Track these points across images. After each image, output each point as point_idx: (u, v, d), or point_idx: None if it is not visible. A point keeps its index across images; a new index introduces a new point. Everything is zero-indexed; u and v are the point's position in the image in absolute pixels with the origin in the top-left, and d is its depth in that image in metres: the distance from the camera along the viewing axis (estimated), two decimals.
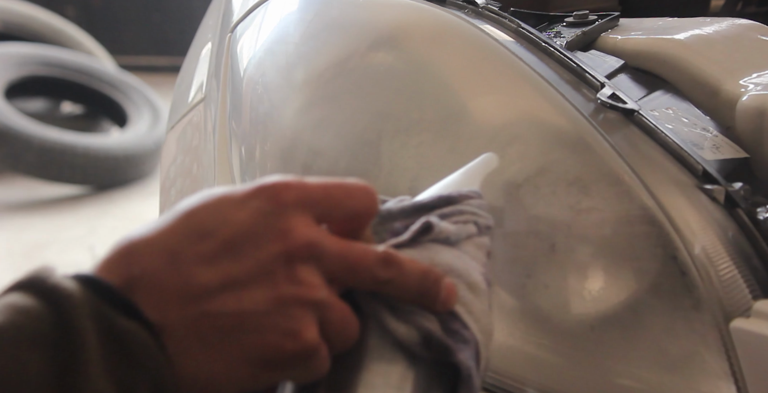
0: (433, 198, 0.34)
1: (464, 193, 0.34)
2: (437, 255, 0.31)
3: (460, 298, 0.31)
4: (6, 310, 0.22)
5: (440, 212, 0.33)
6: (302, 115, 0.53)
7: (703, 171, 0.39)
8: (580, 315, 0.37)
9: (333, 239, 0.28)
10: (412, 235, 0.31)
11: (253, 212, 0.26)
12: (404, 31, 0.50)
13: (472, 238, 0.34)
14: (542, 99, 0.42)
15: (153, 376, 0.23)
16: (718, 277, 0.35)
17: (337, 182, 0.29)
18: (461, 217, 0.33)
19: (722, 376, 0.34)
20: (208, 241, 0.25)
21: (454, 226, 0.33)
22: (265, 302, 0.25)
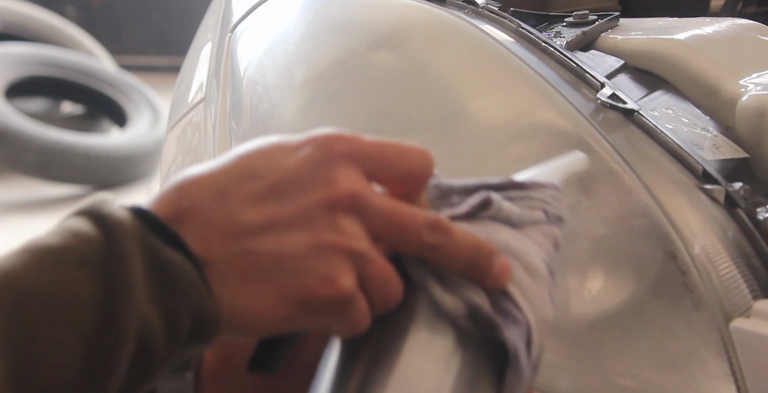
0: (501, 180, 0.32)
1: (538, 181, 0.33)
2: (495, 232, 0.30)
3: (515, 279, 0.29)
4: (63, 233, 0.23)
5: (507, 194, 0.31)
6: (302, 115, 0.53)
7: (703, 171, 0.39)
8: (580, 315, 0.37)
9: (380, 196, 0.28)
10: (470, 209, 0.30)
11: (303, 159, 0.27)
12: (404, 31, 0.50)
13: (538, 225, 0.32)
14: (542, 99, 0.42)
15: (195, 306, 0.24)
16: (718, 277, 0.35)
17: (393, 142, 0.29)
18: (529, 202, 0.32)
19: (722, 376, 0.34)
20: (256, 183, 0.26)
21: (519, 209, 0.31)
22: (304, 246, 0.26)
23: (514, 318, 0.28)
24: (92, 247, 0.23)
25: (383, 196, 0.28)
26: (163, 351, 0.23)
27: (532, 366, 0.29)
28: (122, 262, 0.23)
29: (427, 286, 0.29)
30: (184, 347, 0.25)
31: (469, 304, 0.28)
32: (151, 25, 4.15)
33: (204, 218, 0.25)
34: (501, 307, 0.29)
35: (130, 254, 0.23)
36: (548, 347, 0.38)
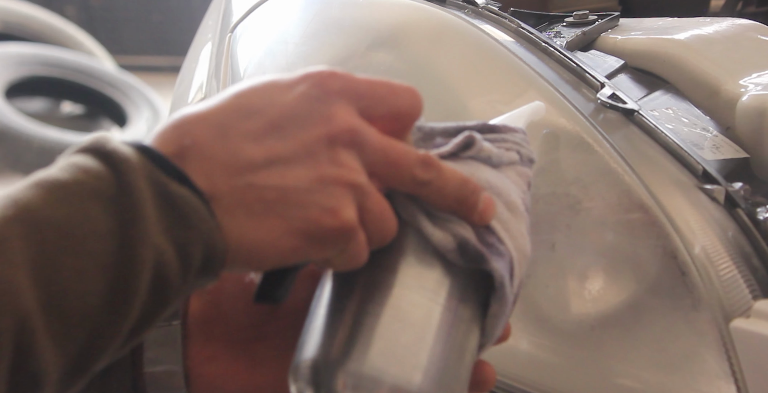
0: (477, 123, 0.34)
1: (509, 126, 0.35)
2: (478, 171, 0.32)
3: (498, 215, 0.31)
4: (69, 168, 0.23)
5: (484, 137, 0.33)
6: None
7: (703, 171, 0.39)
8: (580, 315, 0.37)
9: (376, 132, 0.29)
10: (454, 148, 0.32)
11: (299, 96, 0.28)
12: (404, 31, 0.50)
13: (514, 165, 0.34)
14: (542, 99, 0.42)
15: (205, 238, 0.24)
16: (718, 277, 0.35)
17: (383, 80, 0.30)
18: (504, 144, 0.33)
19: (722, 376, 0.34)
20: (256, 119, 0.27)
21: (496, 149, 0.33)
22: (306, 179, 0.27)
23: (499, 251, 0.30)
24: (102, 182, 0.23)
25: (378, 133, 0.29)
26: (177, 281, 0.24)
27: (514, 295, 0.31)
28: (133, 195, 0.23)
29: (417, 222, 0.30)
30: (196, 279, 0.25)
31: (458, 238, 0.30)
32: (151, 25, 4.15)
33: (207, 155, 0.25)
34: (486, 241, 0.30)
35: (140, 188, 0.23)
36: (548, 347, 0.38)
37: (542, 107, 0.38)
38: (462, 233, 0.30)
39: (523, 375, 0.39)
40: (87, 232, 0.22)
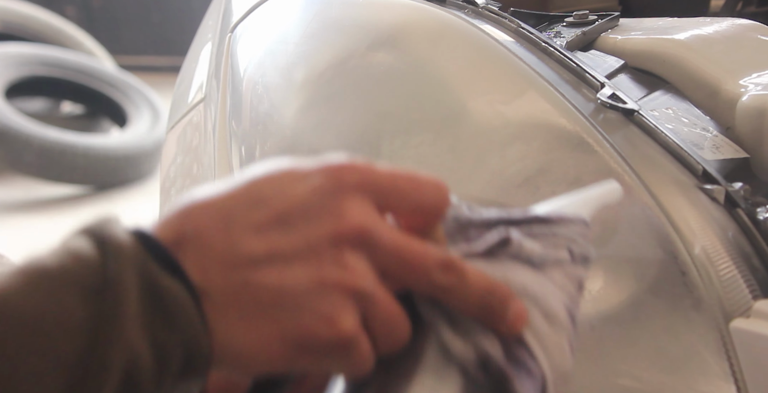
0: (524, 214, 0.30)
1: (565, 216, 0.31)
2: (513, 273, 0.28)
3: (532, 326, 0.28)
4: (61, 252, 0.23)
5: (529, 230, 0.29)
6: (302, 115, 0.53)
7: (703, 171, 0.39)
8: (580, 315, 0.37)
9: (391, 230, 0.27)
10: (488, 247, 0.28)
11: (312, 188, 0.26)
12: (404, 31, 0.50)
13: (562, 265, 0.30)
14: (542, 99, 0.42)
15: (188, 339, 0.23)
16: (718, 277, 0.35)
17: (408, 173, 0.28)
18: (553, 239, 0.30)
19: (722, 376, 0.34)
20: (263, 210, 0.25)
21: (542, 247, 0.29)
22: (305, 281, 0.25)
23: (528, 369, 0.27)
24: (89, 270, 0.22)
25: (394, 231, 0.27)
26: (151, 385, 0.22)
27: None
28: (117, 288, 0.22)
29: (437, 327, 0.27)
30: (175, 381, 0.23)
31: (479, 351, 0.26)
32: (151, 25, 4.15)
33: (206, 244, 0.24)
34: (515, 355, 0.27)
35: (125, 281, 0.22)
36: None
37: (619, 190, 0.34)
38: (485, 346, 0.26)
39: None
40: (56, 326, 0.21)
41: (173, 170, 0.82)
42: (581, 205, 0.33)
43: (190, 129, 0.82)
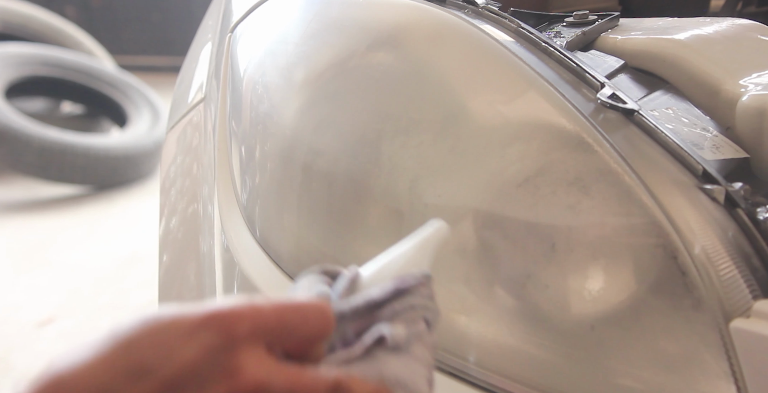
0: (386, 293, 0.33)
1: (416, 281, 0.33)
2: (386, 367, 0.31)
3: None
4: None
5: (392, 308, 0.32)
6: (302, 115, 0.53)
7: (703, 171, 0.39)
8: (580, 315, 0.37)
9: (282, 374, 0.27)
10: (365, 349, 0.31)
11: (201, 347, 0.24)
12: (404, 31, 0.50)
13: (422, 339, 0.33)
14: (542, 99, 0.42)
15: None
16: (718, 277, 0.35)
17: (293, 305, 0.28)
18: (412, 313, 0.33)
19: (722, 376, 0.34)
20: (148, 381, 0.23)
21: (405, 328, 0.32)
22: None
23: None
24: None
25: (285, 373, 0.27)
26: None
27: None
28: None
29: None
30: None
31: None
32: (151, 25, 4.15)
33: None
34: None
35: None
36: (548, 347, 0.38)
37: (446, 229, 0.36)
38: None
39: (523, 375, 0.39)
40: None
41: (173, 170, 0.82)
42: (420, 256, 0.35)
43: (190, 129, 0.82)
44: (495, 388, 0.40)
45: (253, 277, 0.54)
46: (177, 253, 0.73)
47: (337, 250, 0.48)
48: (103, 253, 2.10)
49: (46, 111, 3.06)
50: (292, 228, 0.52)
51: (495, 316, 0.40)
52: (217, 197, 0.64)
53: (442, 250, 0.36)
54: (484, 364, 0.41)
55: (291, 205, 0.52)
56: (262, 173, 0.57)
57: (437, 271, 0.36)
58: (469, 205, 0.41)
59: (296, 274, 0.52)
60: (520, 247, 0.39)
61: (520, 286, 0.39)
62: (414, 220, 0.43)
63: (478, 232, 0.40)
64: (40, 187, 2.59)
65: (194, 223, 0.70)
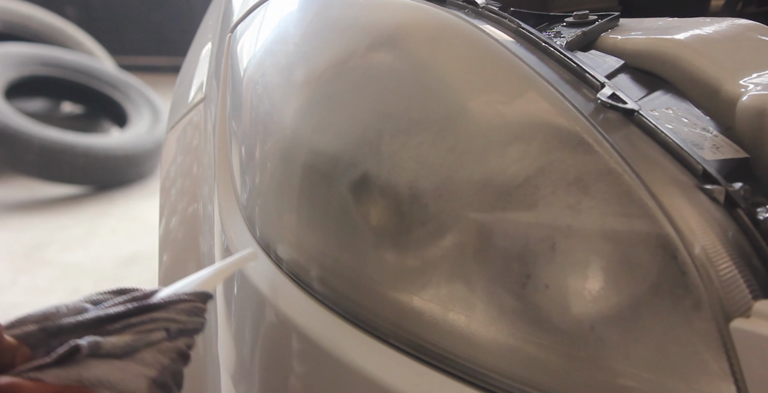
0: (124, 308, 0.38)
1: (174, 297, 0.40)
2: (88, 371, 0.35)
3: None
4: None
5: (126, 322, 0.37)
6: (302, 115, 0.53)
7: (703, 171, 0.39)
8: (580, 315, 0.37)
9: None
10: (56, 358, 0.35)
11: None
12: (404, 31, 0.50)
13: (156, 345, 0.38)
14: (542, 99, 0.42)
15: None
16: (718, 277, 0.35)
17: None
18: (149, 325, 0.38)
19: (722, 377, 0.34)
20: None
21: (131, 336, 0.37)
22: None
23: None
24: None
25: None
26: None
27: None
28: None
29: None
30: None
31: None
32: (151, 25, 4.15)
33: None
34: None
35: None
36: (548, 347, 0.38)
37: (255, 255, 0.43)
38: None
39: (523, 375, 0.39)
40: None
41: (173, 170, 0.82)
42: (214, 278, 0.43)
43: (190, 129, 0.82)
44: (495, 388, 0.40)
45: (253, 278, 0.54)
46: (177, 253, 0.73)
47: (337, 250, 0.48)
48: (103, 253, 2.10)
49: (46, 111, 3.06)
50: (292, 228, 0.52)
51: (495, 316, 0.40)
52: (217, 197, 0.64)
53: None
54: (484, 364, 0.41)
55: (291, 205, 0.52)
56: (262, 173, 0.57)
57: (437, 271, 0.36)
58: (469, 205, 0.41)
59: (296, 274, 0.52)
60: (520, 247, 0.39)
61: (520, 286, 0.39)
62: (414, 220, 0.43)
63: (478, 232, 0.40)
64: (40, 187, 2.59)
65: (194, 223, 0.70)
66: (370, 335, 0.46)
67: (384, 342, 0.45)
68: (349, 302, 0.47)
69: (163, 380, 0.38)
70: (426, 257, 0.42)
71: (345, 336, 0.46)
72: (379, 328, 0.45)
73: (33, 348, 0.37)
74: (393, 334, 0.44)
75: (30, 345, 0.37)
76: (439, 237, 0.42)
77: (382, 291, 0.45)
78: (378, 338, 0.45)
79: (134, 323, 0.38)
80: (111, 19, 4.08)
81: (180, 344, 0.40)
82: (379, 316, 0.45)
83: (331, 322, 0.47)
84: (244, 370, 0.55)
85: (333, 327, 0.47)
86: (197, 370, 0.63)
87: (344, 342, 0.46)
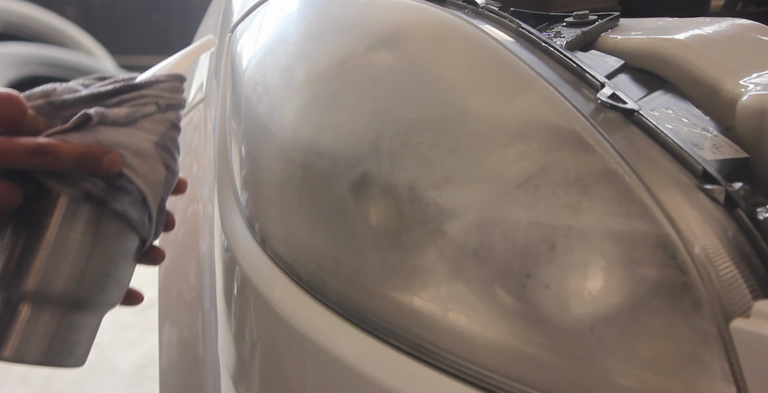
0: (113, 87, 0.43)
1: (154, 79, 0.45)
2: (102, 135, 0.42)
3: (128, 163, 0.43)
4: None
5: (120, 98, 0.43)
6: (302, 115, 0.53)
7: (703, 171, 0.39)
8: (580, 315, 0.37)
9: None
10: (73, 125, 0.41)
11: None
12: (404, 31, 0.50)
13: (151, 116, 0.44)
14: (542, 99, 0.42)
15: None
16: (718, 277, 0.35)
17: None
18: (142, 100, 0.44)
19: (722, 377, 0.34)
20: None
21: (129, 109, 0.43)
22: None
23: (126, 189, 0.43)
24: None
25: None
26: None
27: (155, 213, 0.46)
28: None
29: (48, 182, 0.41)
30: None
31: (82, 189, 0.41)
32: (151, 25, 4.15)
33: None
34: (116, 184, 0.42)
35: None
36: (548, 347, 0.38)
37: (212, 41, 0.50)
38: (86, 186, 0.41)
39: (523, 375, 0.39)
40: None
41: None
42: (183, 63, 0.49)
43: (190, 129, 0.82)
44: (495, 388, 0.40)
45: (253, 277, 0.54)
46: (177, 253, 0.73)
47: (337, 250, 0.48)
48: None
49: None
50: (292, 228, 0.52)
51: (495, 316, 0.40)
52: (217, 197, 0.64)
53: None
54: (484, 364, 0.41)
55: (291, 205, 0.52)
56: (262, 173, 0.57)
57: (437, 271, 0.36)
58: (469, 205, 0.41)
59: (297, 274, 0.52)
60: (520, 247, 0.39)
61: (520, 286, 0.39)
62: (414, 220, 0.43)
63: (478, 231, 0.40)
64: None
65: (194, 223, 0.70)
66: (370, 335, 0.46)
67: (384, 342, 0.45)
68: (349, 302, 0.47)
69: (164, 144, 0.45)
70: (426, 257, 0.42)
71: (345, 336, 0.46)
72: (379, 328, 0.45)
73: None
74: (393, 334, 0.44)
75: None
76: (439, 237, 0.42)
77: (382, 291, 0.44)
78: (378, 338, 0.45)
79: (127, 99, 0.43)
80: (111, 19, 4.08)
81: (170, 116, 0.46)
82: (379, 316, 0.45)
83: (331, 321, 0.47)
84: (244, 370, 0.55)
85: (333, 326, 0.47)
86: (197, 370, 0.63)
87: (344, 342, 0.46)
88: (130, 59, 3.84)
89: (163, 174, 0.45)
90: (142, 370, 1.86)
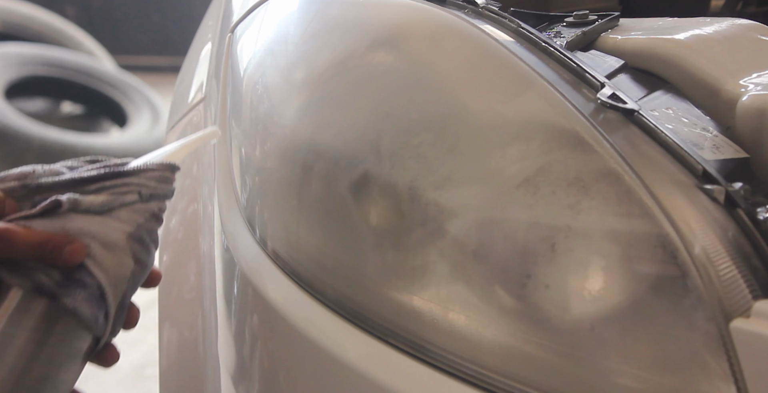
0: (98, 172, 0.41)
1: (143, 166, 0.43)
2: (71, 223, 0.40)
3: (92, 255, 0.40)
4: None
5: (100, 185, 0.41)
6: (302, 115, 0.53)
7: (703, 171, 0.39)
8: (580, 315, 0.37)
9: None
10: (40, 210, 0.39)
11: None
12: (404, 31, 0.50)
13: (130, 206, 0.42)
14: (542, 99, 0.42)
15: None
16: (718, 277, 0.35)
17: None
18: (122, 188, 0.42)
19: (722, 377, 0.34)
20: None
21: (107, 196, 0.41)
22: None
23: (83, 283, 0.39)
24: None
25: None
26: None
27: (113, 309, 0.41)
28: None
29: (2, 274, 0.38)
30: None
31: (35, 281, 0.38)
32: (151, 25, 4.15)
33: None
34: (74, 277, 0.39)
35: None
36: (548, 347, 0.38)
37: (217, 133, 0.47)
38: (39, 278, 0.38)
39: (523, 375, 0.39)
40: None
41: None
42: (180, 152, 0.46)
43: (190, 129, 0.82)
44: (495, 388, 0.40)
45: (253, 277, 0.54)
46: (177, 253, 0.73)
47: (337, 250, 0.48)
48: None
49: (46, 111, 3.06)
50: (292, 228, 0.52)
51: (495, 316, 0.40)
52: (217, 197, 0.64)
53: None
54: (484, 364, 0.41)
55: (291, 205, 0.52)
56: (262, 173, 0.57)
57: (437, 271, 0.36)
58: (469, 205, 0.41)
59: (297, 274, 0.52)
60: (520, 247, 0.39)
61: (520, 286, 0.39)
62: (414, 220, 0.43)
63: (478, 231, 0.40)
64: None
65: (194, 223, 0.70)
66: (369, 335, 0.46)
67: (384, 342, 0.45)
68: (349, 302, 0.47)
69: (139, 235, 0.42)
70: (426, 257, 0.42)
71: (345, 336, 0.46)
72: (379, 328, 0.45)
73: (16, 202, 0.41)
74: (393, 334, 0.44)
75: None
76: (439, 237, 0.42)
77: (382, 291, 0.45)
78: (378, 338, 0.45)
79: (108, 186, 0.41)
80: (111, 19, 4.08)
81: (152, 207, 0.43)
82: (378, 316, 0.45)
83: (331, 321, 0.47)
84: (244, 370, 0.55)
85: (333, 327, 0.47)
86: (197, 370, 0.63)
87: (344, 342, 0.46)
88: (130, 59, 3.84)
89: (130, 268, 0.42)
90: (142, 370, 1.87)
